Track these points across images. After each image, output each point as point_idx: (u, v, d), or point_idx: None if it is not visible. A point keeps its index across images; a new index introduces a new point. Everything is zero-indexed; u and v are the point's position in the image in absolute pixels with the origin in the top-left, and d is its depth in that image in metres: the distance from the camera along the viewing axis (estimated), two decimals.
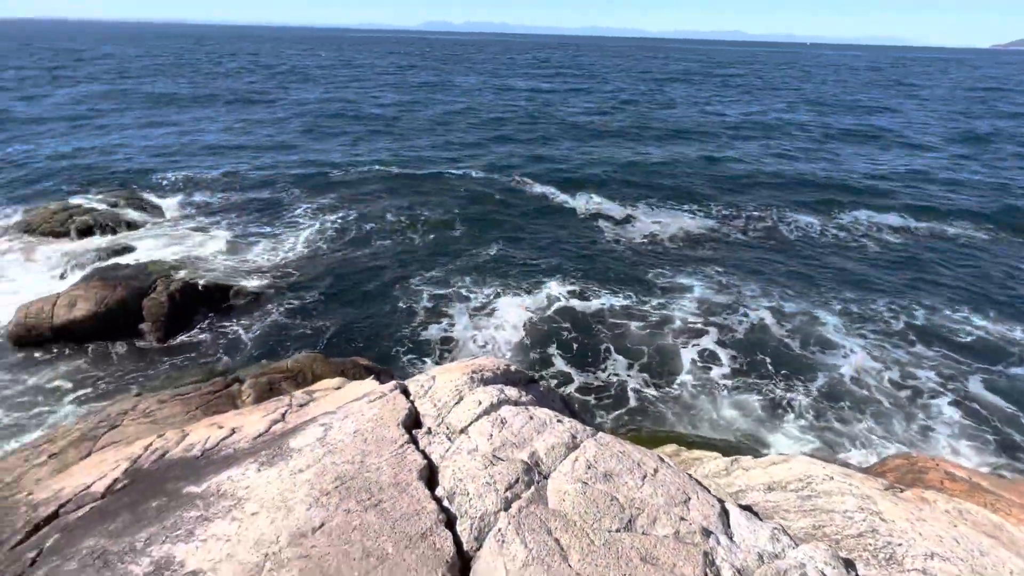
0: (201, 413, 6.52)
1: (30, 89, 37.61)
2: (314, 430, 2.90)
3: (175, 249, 12.89)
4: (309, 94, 39.17)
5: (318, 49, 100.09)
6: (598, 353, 9.62)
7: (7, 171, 18.50)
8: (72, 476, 4.29)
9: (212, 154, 21.52)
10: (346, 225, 14.94)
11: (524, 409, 2.81)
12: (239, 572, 1.87)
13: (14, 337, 9.54)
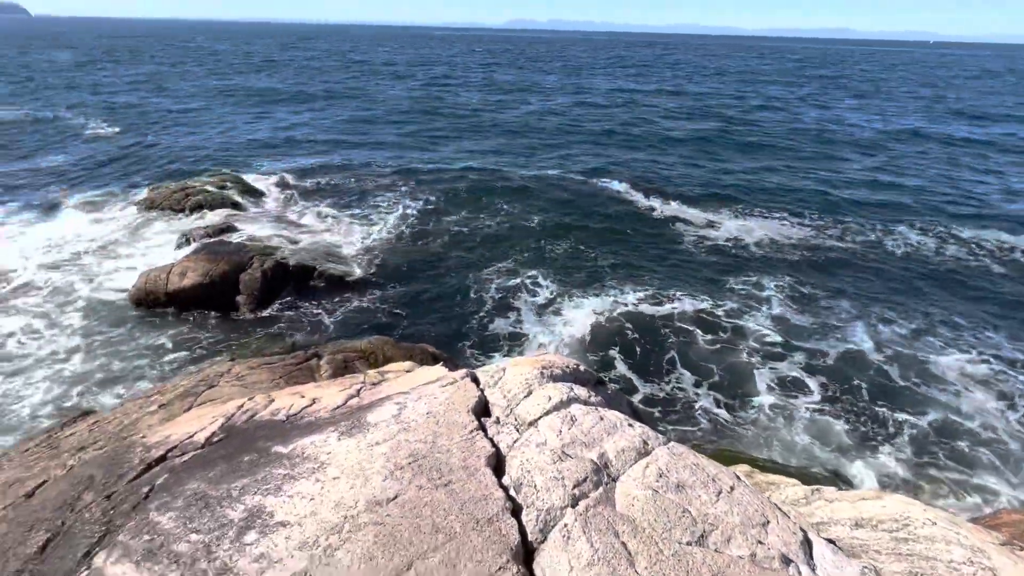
0: (284, 382, 7.06)
1: (159, 83, 42.50)
2: (389, 408, 3.05)
3: (270, 231, 14.01)
4: (397, 91, 41.02)
5: (406, 47, 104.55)
6: (664, 363, 9.30)
7: (140, 154, 21.06)
8: (177, 425, 4.81)
9: (308, 146, 23.18)
10: (426, 216, 15.53)
11: (594, 409, 2.78)
12: (321, 529, 2.01)
13: (134, 299, 10.82)
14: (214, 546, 2.03)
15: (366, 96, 37.82)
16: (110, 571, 2.06)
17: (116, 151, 21.58)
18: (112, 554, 2.19)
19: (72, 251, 12.78)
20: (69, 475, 4.17)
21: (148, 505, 2.70)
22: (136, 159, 20.42)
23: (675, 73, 62.98)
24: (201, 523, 2.23)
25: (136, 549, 2.16)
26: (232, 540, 2.06)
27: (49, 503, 3.54)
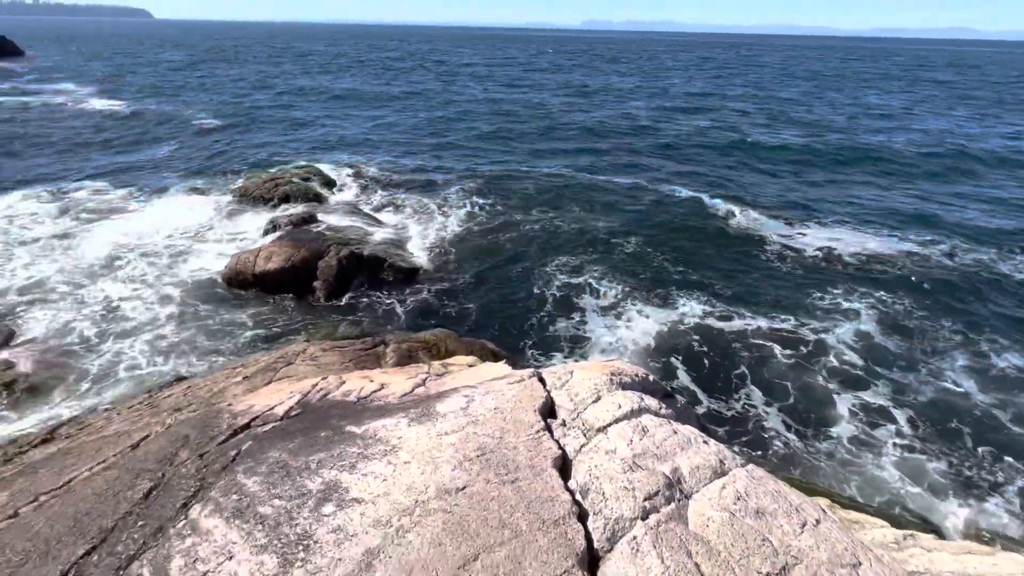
0: (353, 365, 7.42)
1: (258, 81, 46.14)
2: (457, 399, 3.11)
3: (347, 222, 14.78)
4: (473, 91, 41.93)
5: (483, 49, 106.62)
6: (733, 378, 8.82)
7: (239, 146, 22.99)
8: (259, 397, 5.19)
9: (386, 143, 24.24)
10: (494, 215, 15.76)
11: (667, 422, 2.68)
12: (393, 510, 2.09)
13: (225, 278, 11.79)
14: (295, 513, 2.16)
15: (442, 96, 38.95)
16: (204, 523, 2.25)
17: (218, 143, 23.67)
18: (206, 508, 2.39)
19: (177, 232, 14.15)
20: (167, 432, 4.61)
21: (236, 468, 2.93)
22: (235, 150, 22.29)
23: (761, 76, 59.69)
24: (283, 490, 2.38)
25: (226, 507, 2.35)
26: (311, 510, 2.18)
27: (151, 456, 3.94)
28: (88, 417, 7.32)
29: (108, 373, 8.77)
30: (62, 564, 2.25)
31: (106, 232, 13.88)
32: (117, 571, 2.07)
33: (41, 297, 10.76)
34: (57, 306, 10.46)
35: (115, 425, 5.88)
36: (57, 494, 3.76)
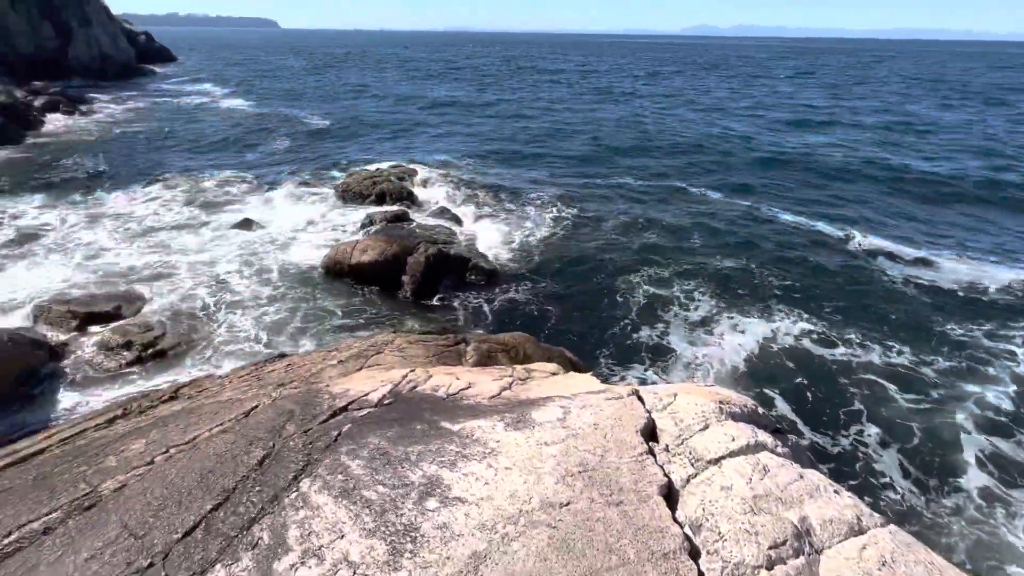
0: (436, 360, 7.63)
1: (366, 85, 49.52)
2: (554, 409, 3.05)
3: (436, 221, 15.34)
4: (564, 99, 42.06)
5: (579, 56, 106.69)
6: (840, 412, 7.94)
7: (345, 145, 24.80)
8: (353, 382, 5.48)
9: (478, 147, 24.95)
10: (580, 222, 15.64)
11: (789, 464, 2.44)
12: (498, 516, 2.07)
13: (324, 267, 12.67)
14: (399, 502, 2.22)
15: (535, 104, 39.43)
16: (314, 498, 2.37)
17: (327, 142, 25.68)
18: (314, 483, 2.53)
19: (286, 221, 15.48)
20: (274, 405, 4.99)
21: (339, 448, 3.08)
22: (340, 149, 24.05)
23: (885, 86, 54.09)
24: (385, 477, 2.45)
25: (333, 485, 2.46)
26: (415, 502, 2.22)
27: (262, 425, 4.26)
28: (204, 381, 8.16)
29: (221, 343, 9.73)
30: (194, 515, 2.48)
31: (226, 219, 15.50)
32: (241, 530, 2.24)
33: (169, 272, 12.21)
34: (183, 282, 11.81)
35: (228, 392, 6.48)
36: (184, 449, 4.19)
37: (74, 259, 12.60)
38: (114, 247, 13.31)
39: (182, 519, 2.46)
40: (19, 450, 6.13)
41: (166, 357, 9.27)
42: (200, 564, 2.06)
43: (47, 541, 2.69)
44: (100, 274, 11.89)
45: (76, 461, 4.59)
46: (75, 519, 3.02)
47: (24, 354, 8.31)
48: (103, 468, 4.13)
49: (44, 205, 16.10)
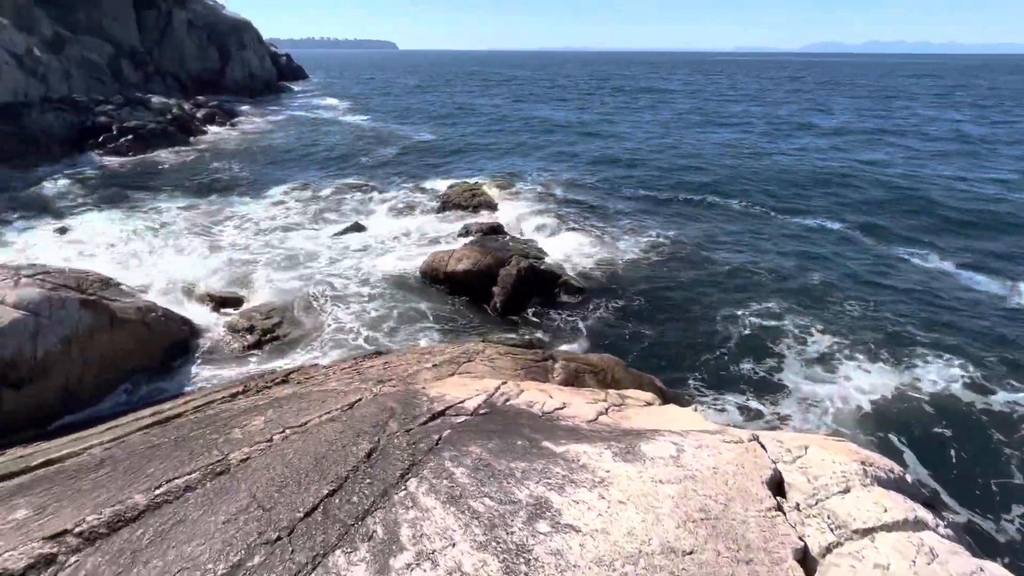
0: (524, 374, 7.64)
1: (470, 104, 51.87)
2: (665, 445, 2.87)
3: (529, 236, 15.53)
4: (669, 120, 41.01)
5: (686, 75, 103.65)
6: (999, 484, 6.69)
7: (450, 159, 26.12)
8: (448, 387, 5.63)
9: (574, 164, 25.02)
10: (678, 246, 15.02)
11: (963, 551, 2.06)
12: (616, 552, 1.97)
13: (422, 273, 13.29)
14: (509, 519, 2.19)
15: (636, 125, 38.84)
16: (423, 500, 2.42)
17: (433, 156, 27.20)
18: (422, 485, 2.59)
19: (391, 228, 16.52)
20: (376, 400, 5.25)
21: (441, 452, 3.14)
22: (445, 163, 25.34)
23: None
24: (491, 490, 2.44)
25: (440, 490, 2.50)
26: (524, 522, 2.18)
27: (367, 419, 4.49)
28: (311, 369, 8.85)
29: (326, 334, 10.53)
30: (312, 497, 2.65)
31: (338, 223, 16.88)
32: (356, 520, 2.35)
33: (288, 268, 13.50)
34: (298, 277, 13.00)
35: (332, 382, 6.96)
36: (297, 431, 4.53)
37: (211, 250, 14.41)
38: (243, 242, 15.03)
39: (302, 499, 2.63)
40: (162, 411, 7.01)
41: (280, 343, 10.21)
42: (322, 546, 2.18)
43: (191, 499, 3.02)
44: (232, 265, 13.47)
45: (207, 429, 5.14)
46: (211, 482, 3.36)
47: (174, 330, 9.60)
48: (231, 439, 4.59)
49: (191, 203, 18.65)
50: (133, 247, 14.47)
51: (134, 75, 40.21)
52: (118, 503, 3.45)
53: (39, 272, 9.29)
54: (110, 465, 4.40)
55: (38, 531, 3.22)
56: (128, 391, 8.60)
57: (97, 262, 13.23)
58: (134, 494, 3.52)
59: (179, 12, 49.36)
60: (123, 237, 15.17)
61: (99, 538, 2.78)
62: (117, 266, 12.97)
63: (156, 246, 14.60)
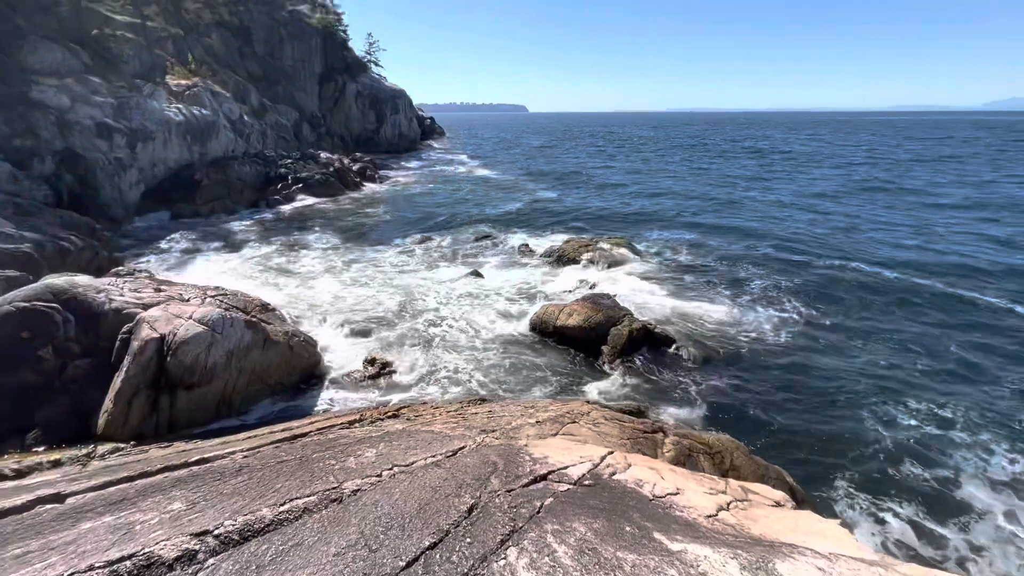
0: (630, 444, 7.16)
1: (599, 157, 53.28)
2: (807, 569, 2.42)
3: (644, 295, 15.02)
4: (818, 182, 38.05)
5: (850, 136, 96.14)
6: None
7: (569, 212, 26.79)
8: (551, 449, 5.46)
9: (696, 224, 24.06)
10: (815, 322, 13.43)
11: None
12: None
13: (532, 324, 13.41)
14: None
15: (772, 184, 36.58)
16: (522, 575, 2.29)
17: (552, 209, 28.11)
18: (522, 558, 2.46)
19: (505, 276, 17.10)
20: (479, 451, 5.26)
21: (544, 524, 3.00)
22: (562, 216, 26.00)
23: None
24: None
25: (541, 568, 2.35)
26: None
27: (469, 470, 4.50)
28: (420, 407, 9.24)
29: (437, 374, 10.98)
30: (414, 546, 2.66)
31: (459, 269, 17.93)
32: None
33: (409, 307, 14.53)
34: (418, 316, 13.90)
35: (438, 424, 7.16)
36: (405, 470, 4.68)
37: (347, 286, 16.12)
38: (374, 282, 16.59)
39: (405, 546, 2.66)
40: (292, 428, 7.72)
41: (395, 377, 10.87)
42: None
43: (308, 523, 3.22)
44: (363, 301, 14.90)
45: (327, 452, 5.53)
46: (326, 509, 3.58)
47: (310, 355, 10.76)
48: (346, 467, 4.87)
49: (337, 244, 21.24)
50: (288, 278, 16.78)
51: (311, 135, 48.18)
52: (249, 513, 3.80)
53: (219, 293, 11.13)
54: (247, 474, 4.90)
55: (188, 526, 3.65)
56: (268, 405, 9.72)
57: (260, 288, 15.56)
58: (263, 507, 3.86)
59: (351, 84, 58.73)
60: (282, 269, 17.70)
61: (232, 545, 3.06)
62: (275, 292, 15.11)
63: (305, 279, 16.77)
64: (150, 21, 30.90)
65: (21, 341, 8.44)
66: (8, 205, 15.54)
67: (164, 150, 25.66)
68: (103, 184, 21.49)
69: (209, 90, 31.24)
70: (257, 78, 44.42)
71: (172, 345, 8.44)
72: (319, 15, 56.29)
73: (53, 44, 23.84)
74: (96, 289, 9.56)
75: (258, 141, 34.68)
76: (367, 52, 68.29)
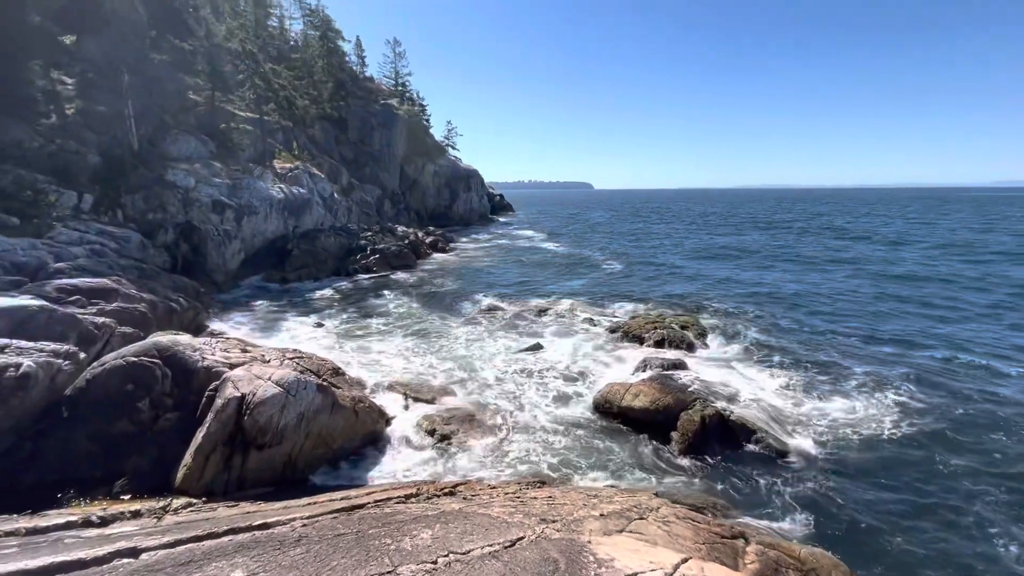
0: (706, 549, 6.40)
1: (663, 236, 53.08)
2: None
3: (716, 378, 14.09)
4: (908, 266, 35.40)
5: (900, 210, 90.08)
6: None
7: (633, 288, 26.46)
8: (618, 550, 4.99)
9: (773, 304, 22.77)
10: (922, 419, 11.84)
11: None
12: None
13: (595, 403, 12.88)
14: None
15: (854, 264, 34.37)
16: None
17: (616, 283, 27.92)
18: None
19: (569, 350, 16.82)
20: (538, 545, 4.90)
21: None
22: (627, 292, 25.67)
23: None
24: None
25: None
26: None
27: (528, 567, 4.18)
28: (477, 485, 8.92)
29: (496, 450, 10.67)
30: None
31: (522, 341, 17.90)
32: None
33: (470, 378, 14.53)
34: (478, 389, 13.83)
35: (496, 507, 6.83)
36: (461, 559, 4.44)
37: (415, 353, 16.51)
38: (440, 350, 16.88)
39: None
40: (350, 497, 7.68)
41: (454, 450, 10.68)
42: None
43: None
44: (428, 368, 15.13)
45: (383, 530, 5.40)
46: None
47: (373, 421, 10.93)
48: (401, 549, 4.71)
49: (407, 312, 22.11)
50: (359, 343, 17.54)
51: (391, 210, 52.30)
52: None
53: (296, 356, 11.79)
54: (305, 545, 4.87)
55: None
56: (329, 469, 9.82)
57: (334, 351, 16.34)
58: None
59: (429, 165, 64.08)
60: (353, 335, 18.58)
61: None
62: (346, 356, 15.78)
63: (374, 345, 17.44)
64: (267, 116, 36.07)
65: (126, 392, 9.30)
66: (134, 269, 17.85)
67: (264, 223, 28.80)
68: (211, 252, 24.26)
69: (307, 172, 35.25)
70: (349, 161, 49.73)
71: (251, 404, 8.92)
72: (406, 107, 63.18)
73: (189, 136, 28.32)
74: (193, 348, 10.48)
75: (344, 215, 38.09)
76: (446, 137, 74.94)
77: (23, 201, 17.87)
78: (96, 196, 21.23)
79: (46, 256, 15.73)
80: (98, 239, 18.80)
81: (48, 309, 10.89)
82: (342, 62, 54.67)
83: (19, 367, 8.98)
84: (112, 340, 11.78)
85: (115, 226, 20.54)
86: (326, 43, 51.75)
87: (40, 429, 8.80)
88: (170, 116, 28.55)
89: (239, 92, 35.27)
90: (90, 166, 22.06)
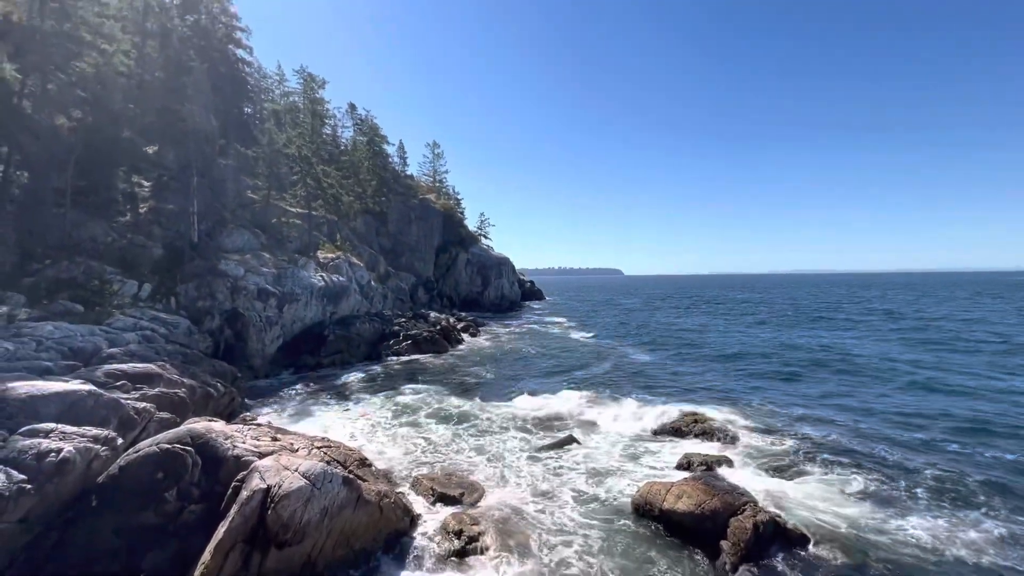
0: None
1: (694, 323, 51.97)
2: None
3: (767, 480, 12.98)
4: (965, 359, 33.30)
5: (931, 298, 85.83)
6: None
7: (662, 379, 25.55)
8: None
9: (821, 402, 21.45)
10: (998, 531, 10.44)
11: None
12: None
13: (634, 503, 11.95)
14: None
15: (921, 356, 32.50)
16: None
17: (647, 374, 27.06)
18: None
19: (605, 444, 15.98)
20: None
21: None
22: (660, 383, 24.76)
23: None
24: None
25: None
26: None
27: None
28: None
29: (524, 556, 9.82)
30: None
31: (554, 434, 17.18)
32: None
33: (501, 475, 13.83)
34: (509, 487, 13.09)
35: None
36: None
37: (445, 445, 15.99)
38: (472, 444, 16.28)
39: None
40: None
41: (481, 556, 9.90)
42: None
43: None
44: (458, 464, 14.54)
45: None
46: None
47: (399, 519, 10.38)
48: None
49: (438, 399, 21.81)
50: (387, 432, 17.20)
51: (424, 297, 53.79)
52: None
53: (324, 445, 11.60)
54: None
55: None
56: (351, 573, 9.18)
57: (361, 438, 16.04)
58: None
59: (463, 254, 66.68)
60: (381, 423, 18.31)
61: None
62: (374, 444, 15.42)
63: (403, 432, 17.06)
64: (315, 211, 39.01)
65: (155, 481, 9.25)
66: (179, 355, 18.56)
67: (304, 310, 29.96)
68: (252, 337, 25.14)
69: (347, 261, 37.17)
70: (387, 251, 52.40)
71: (275, 497, 8.68)
72: (442, 201, 67.41)
73: (244, 230, 30.71)
74: (225, 435, 10.50)
75: (380, 302, 39.33)
76: (479, 227, 78.66)
77: (90, 290, 19.34)
78: (154, 285, 22.81)
79: (101, 341, 16.63)
80: (150, 325, 19.88)
81: (95, 394, 11.30)
82: (386, 162, 59.73)
83: (59, 452, 9.15)
84: (149, 426, 11.98)
85: (167, 313, 21.77)
86: (372, 146, 57.03)
87: (69, 518, 8.73)
88: (229, 212, 31.26)
89: (292, 190, 38.61)
90: (153, 258, 23.98)
